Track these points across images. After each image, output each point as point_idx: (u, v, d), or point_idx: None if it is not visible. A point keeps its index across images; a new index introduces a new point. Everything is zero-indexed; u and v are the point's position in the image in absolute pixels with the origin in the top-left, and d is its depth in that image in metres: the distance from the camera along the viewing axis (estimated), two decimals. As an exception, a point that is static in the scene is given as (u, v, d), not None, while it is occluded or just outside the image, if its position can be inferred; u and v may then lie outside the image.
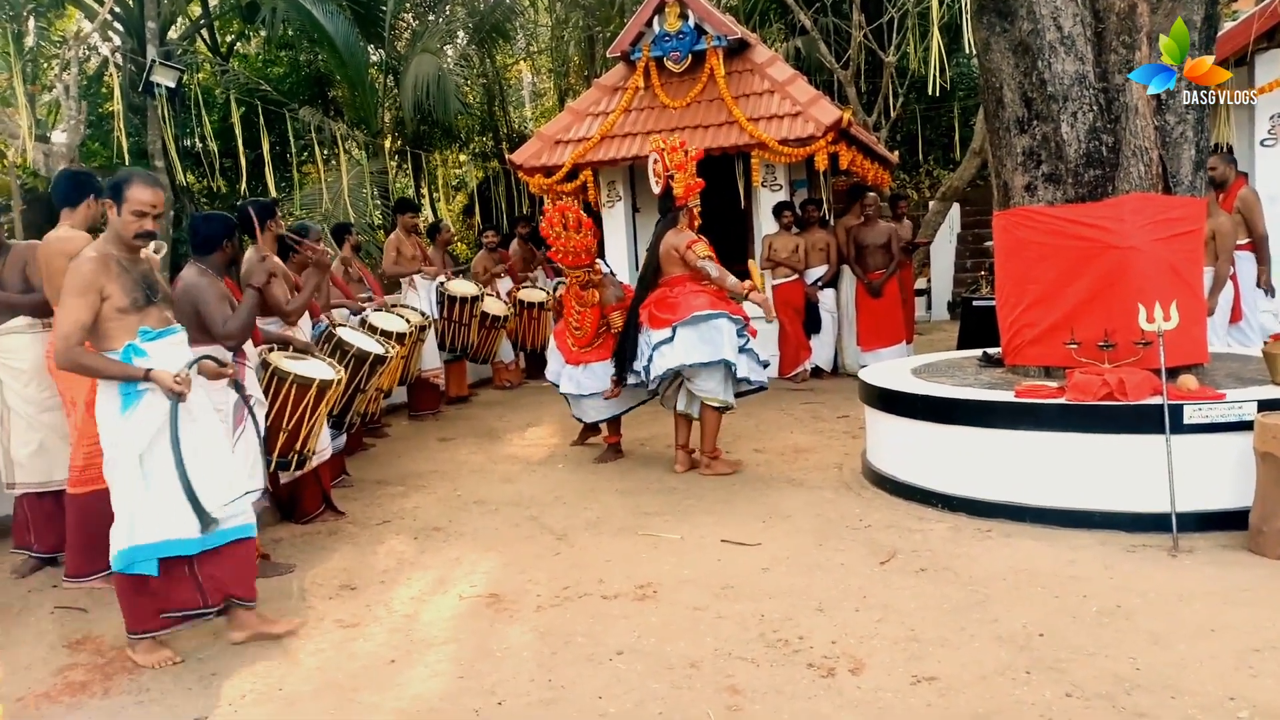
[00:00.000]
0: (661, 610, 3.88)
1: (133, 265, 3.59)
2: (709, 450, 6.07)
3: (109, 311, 3.49)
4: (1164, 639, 3.35)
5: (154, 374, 3.40)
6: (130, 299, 3.51)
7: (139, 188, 3.53)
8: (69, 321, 3.44)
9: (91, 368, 3.45)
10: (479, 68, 17.47)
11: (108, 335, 3.51)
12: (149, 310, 3.58)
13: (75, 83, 7.35)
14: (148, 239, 3.60)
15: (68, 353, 3.42)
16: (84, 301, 3.45)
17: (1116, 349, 4.82)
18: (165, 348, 3.55)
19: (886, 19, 13.67)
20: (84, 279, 3.46)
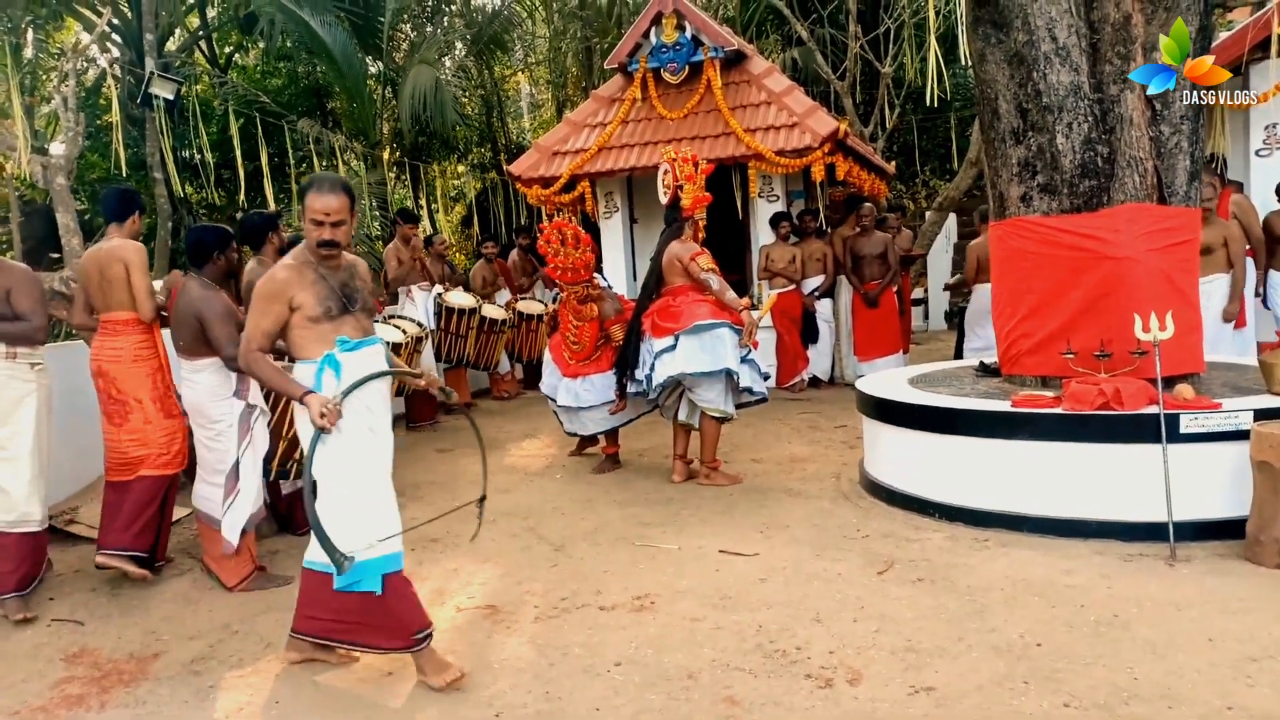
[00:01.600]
0: (659, 621, 3.88)
1: (331, 274, 3.45)
2: (709, 460, 6.07)
3: (300, 320, 3.39)
4: (1161, 648, 3.36)
5: (307, 399, 3.27)
6: (323, 308, 3.38)
7: (314, 195, 3.37)
8: (252, 325, 3.39)
9: (261, 375, 3.42)
10: (477, 79, 17.51)
11: (301, 344, 3.42)
12: (344, 320, 3.44)
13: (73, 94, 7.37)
14: (331, 248, 3.40)
15: (246, 355, 3.40)
16: (269, 308, 3.37)
17: (1113, 358, 4.83)
18: (361, 359, 3.42)
19: (883, 30, 13.73)
20: (273, 287, 3.37)
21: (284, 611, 4.24)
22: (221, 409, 4.52)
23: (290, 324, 3.40)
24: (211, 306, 4.42)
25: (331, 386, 3.34)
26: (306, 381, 3.37)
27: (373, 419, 3.42)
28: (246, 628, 4.09)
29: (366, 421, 3.39)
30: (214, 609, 4.35)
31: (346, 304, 3.44)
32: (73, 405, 5.32)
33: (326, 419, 3.22)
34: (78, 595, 4.62)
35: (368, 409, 3.39)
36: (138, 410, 4.69)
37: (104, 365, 4.71)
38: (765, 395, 6.08)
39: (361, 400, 3.36)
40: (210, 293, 4.49)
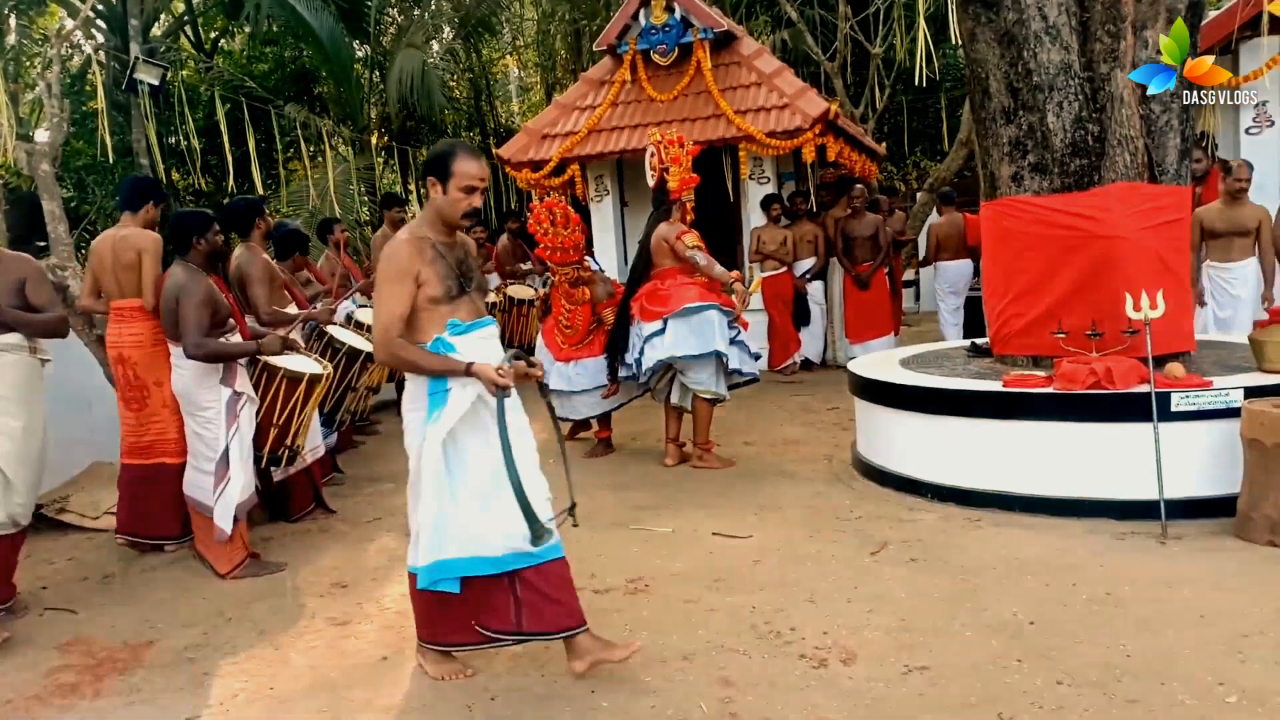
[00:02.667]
0: (653, 603, 3.88)
1: (449, 251, 3.20)
2: (701, 442, 6.07)
3: (421, 301, 3.14)
4: (1153, 626, 3.37)
5: (476, 368, 3.03)
6: (444, 287, 3.14)
7: (466, 159, 3.11)
8: (385, 312, 3.11)
9: (410, 361, 3.13)
10: (465, 62, 17.40)
11: (417, 328, 3.17)
12: (460, 301, 3.19)
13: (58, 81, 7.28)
14: (474, 219, 3.18)
15: (387, 345, 3.12)
16: (401, 290, 3.10)
17: (1104, 338, 4.84)
18: (475, 342, 3.18)
19: (873, 10, 13.67)
20: (399, 264, 3.11)
21: (277, 599, 4.25)
22: (209, 396, 4.51)
23: (414, 304, 3.15)
24: (187, 291, 4.40)
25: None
26: None
27: (488, 412, 3.15)
28: (240, 615, 4.09)
29: (481, 414, 3.14)
30: (207, 596, 4.34)
31: (463, 284, 3.21)
32: (59, 394, 5.28)
33: (505, 378, 3.01)
34: (70, 584, 4.61)
35: (482, 400, 3.13)
36: (156, 394, 4.76)
37: (125, 351, 4.79)
38: (756, 375, 6.08)
39: (474, 390, 3.11)
40: (190, 277, 4.46)
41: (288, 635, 3.83)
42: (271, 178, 14.28)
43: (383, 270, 3.15)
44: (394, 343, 3.11)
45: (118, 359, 4.84)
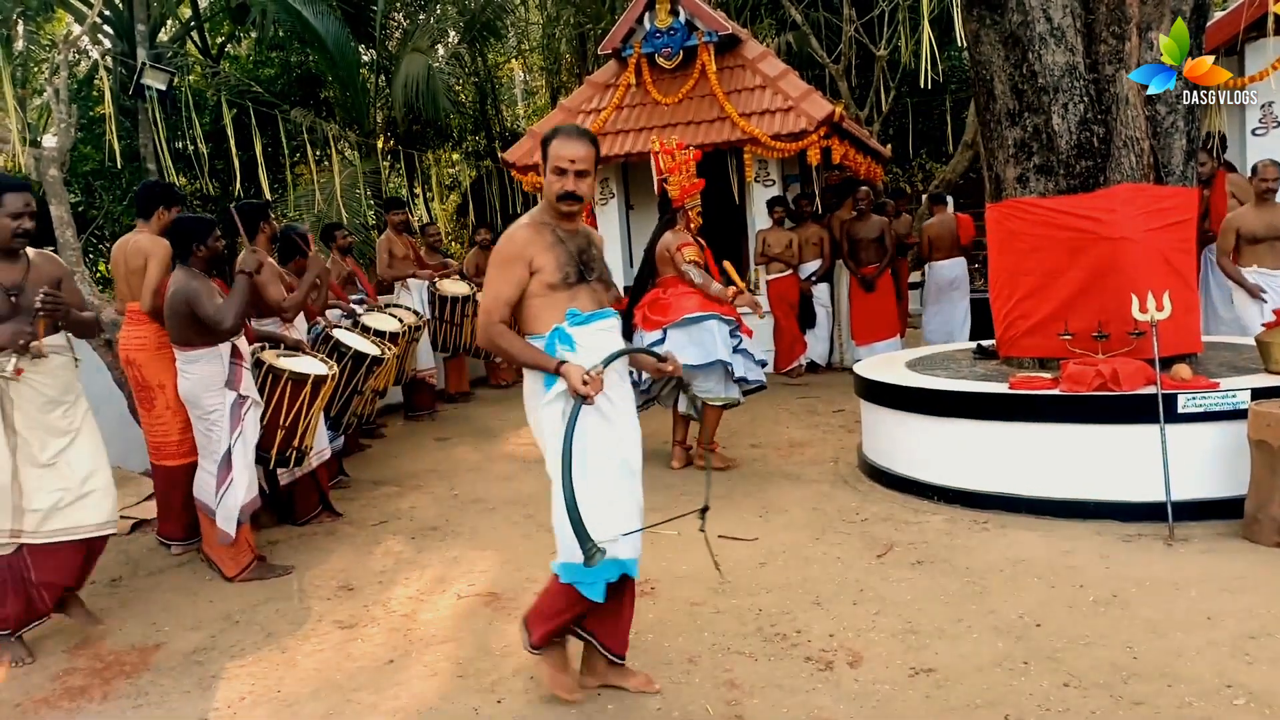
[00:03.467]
0: (659, 606, 3.88)
1: (570, 237, 3.08)
2: (705, 443, 6.07)
3: (537, 287, 3.02)
4: (1160, 627, 3.36)
5: (564, 369, 2.89)
6: (561, 274, 3.01)
7: (559, 141, 3.03)
8: (491, 295, 3.04)
9: (506, 350, 3.03)
10: (470, 66, 17.42)
11: (533, 316, 3.06)
12: (580, 289, 3.06)
13: (65, 86, 7.32)
14: (573, 201, 3.04)
15: (487, 329, 3.04)
16: (509, 274, 3.02)
17: (1110, 339, 4.83)
18: (595, 334, 3.04)
19: (877, 13, 13.66)
20: (511, 249, 3.03)
21: (283, 601, 4.26)
22: (214, 399, 4.53)
23: (526, 291, 3.05)
24: (195, 291, 4.42)
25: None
26: None
27: (608, 405, 3.03)
28: (247, 618, 4.10)
29: (600, 408, 2.98)
30: (214, 599, 4.35)
31: (583, 272, 3.07)
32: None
33: (590, 386, 2.84)
34: (78, 587, 4.62)
35: (604, 392, 2.96)
36: (160, 396, 4.84)
37: (131, 354, 4.91)
38: (763, 383, 6.08)
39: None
40: (195, 281, 4.48)
41: (294, 638, 3.84)
42: (278, 182, 14.29)
43: (495, 254, 3.07)
44: (494, 327, 3.02)
45: (127, 361, 4.96)
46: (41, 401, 3.76)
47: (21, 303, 3.69)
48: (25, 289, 3.70)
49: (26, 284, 3.71)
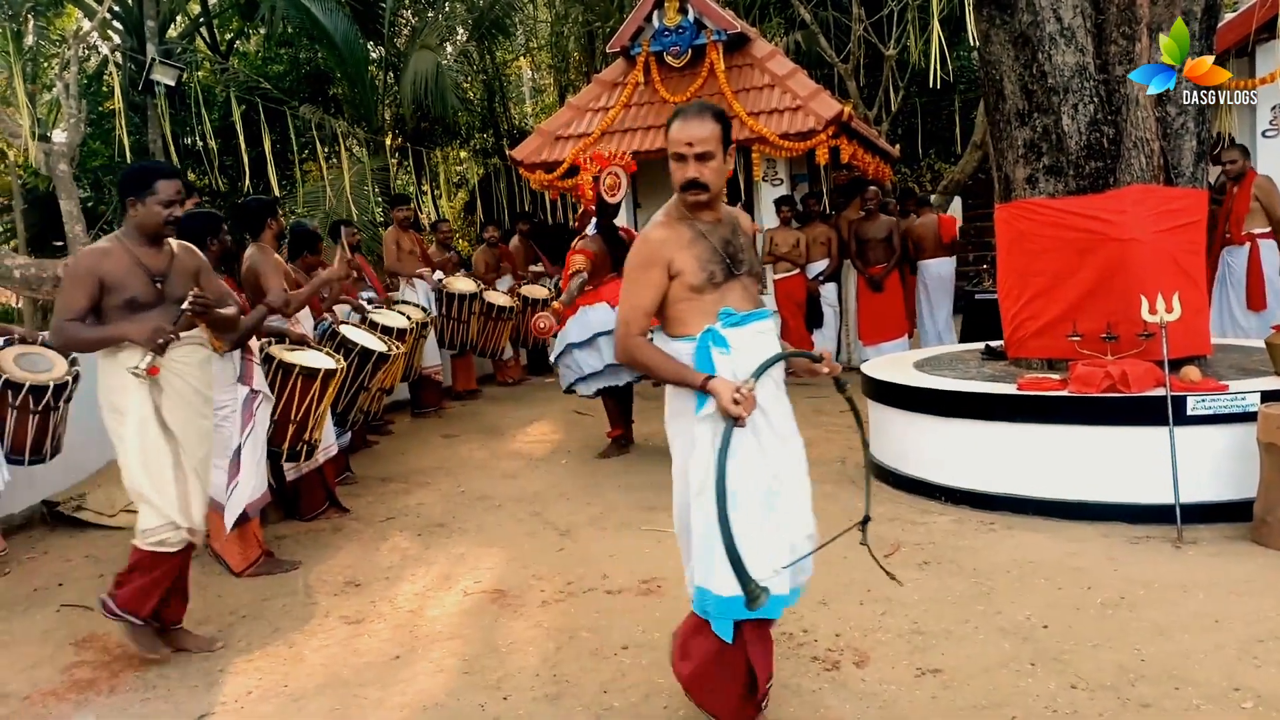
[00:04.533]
0: (666, 605, 3.88)
1: (711, 229, 2.74)
2: None
3: (680, 291, 2.71)
4: (1168, 630, 3.36)
5: (712, 384, 2.54)
6: (706, 274, 2.69)
7: (677, 124, 2.70)
8: (627, 306, 2.75)
9: (646, 364, 2.71)
10: (479, 64, 17.43)
11: (679, 319, 2.75)
12: (730, 286, 2.73)
13: (75, 81, 7.35)
14: (697, 190, 2.69)
15: (625, 342, 2.74)
16: (645, 278, 2.70)
17: (1119, 341, 4.82)
18: (751, 337, 2.70)
19: (886, 12, 13.64)
20: (646, 251, 2.72)
21: (290, 597, 4.27)
22: (225, 395, 4.52)
23: (668, 296, 2.74)
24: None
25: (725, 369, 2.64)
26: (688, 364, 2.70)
27: (763, 423, 2.69)
28: (254, 613, 4.11)
29: (755, 425, 2.65)
30: (221, 594, 4.36)
31: (731, 267, 2.73)
32: (78, 393, 5.32)
33: (741, 406, 2.50)
34: (86, 581, 4.63)
35: (758, 405, 2.61)
36: None
37: None
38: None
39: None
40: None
41: (301, 633, 3.84)
42: (287, 178, 14.33)
43: (630, 258, 2.77)
44: (632, 340, 2.72)
45: None
46: (189, 393, 3.64)
47: (167, 290, 3.58)
48: (170, 276, 3.60)
49: (171, 272, 3.61)
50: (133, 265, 3.51)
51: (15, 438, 4.94)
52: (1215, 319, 7.51)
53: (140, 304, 3.51)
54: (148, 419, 3.53)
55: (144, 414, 3.52)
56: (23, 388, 4.81)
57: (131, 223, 3.56)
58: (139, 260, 3.53)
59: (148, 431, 3.54)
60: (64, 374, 5.09)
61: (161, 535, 3.58)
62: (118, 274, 3.48)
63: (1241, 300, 7.18)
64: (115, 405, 3.56)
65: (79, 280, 3.47)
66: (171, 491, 3.57)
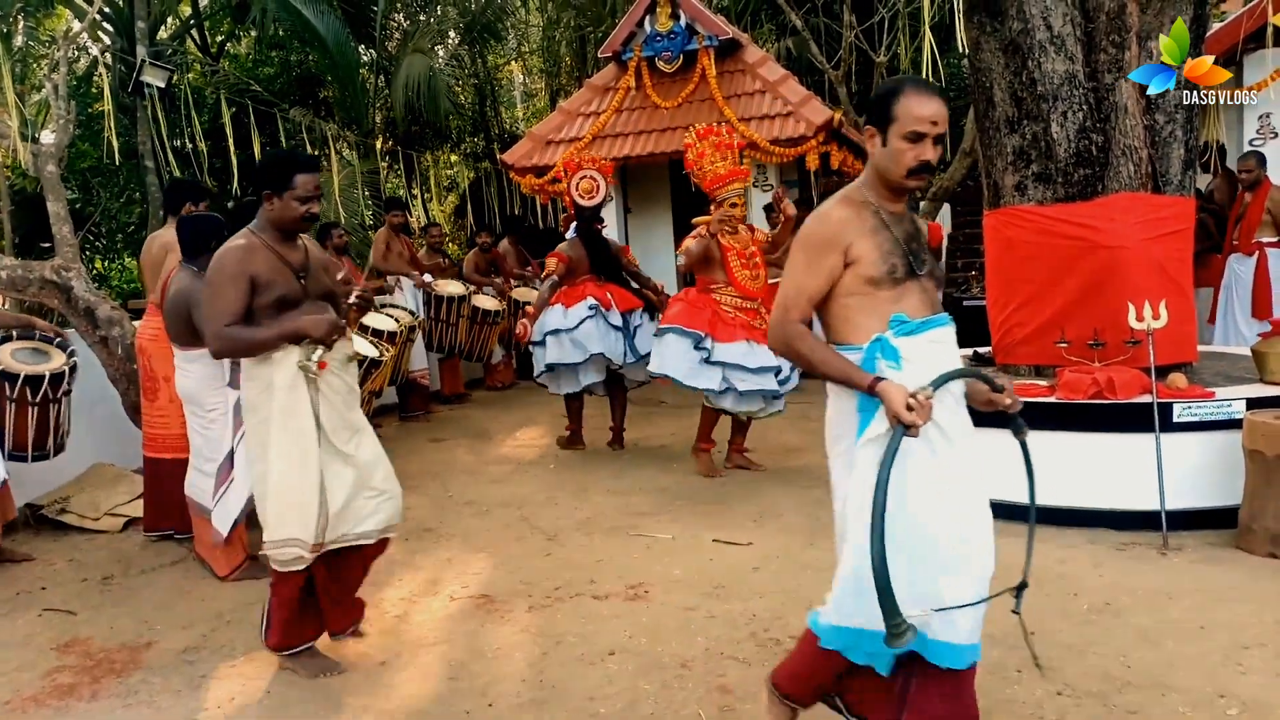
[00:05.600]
0: (653, 610, 3.88)
1: (895, 221, 2.46)
2: (697, 442, 6.10)
3: (853, 282, 2.40)
4: (1154, 636, 3.36)
5: (882, 388, 2.24)
6: (887, 266, 2.38)
7: (914, 97, 2.39)
8: (791, 287, 2.44)
9: (807, 356, 2.42)
10: (470, 68, 17.42)
11: (845, 319, 2.44)
12: (908, 287, 2.41)
13: (64, 82, 7.30)
14: (926, 174, 2.45)
15: (783, 328, 2.45)
16: (819, 262, 2.40)
17: (1106, 348, 4.83)
18: (926, 346, 2.39)
19: (877, 19, 13.67)
20: (825, 231, 2.41)
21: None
22: (215, 398, 4.50)
23: (836, 288, 2.43)
24: (198, 293, 4.39)
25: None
26: None
27: (939, 438, 2.39)
28: (239, 617, 4.08)
29: (930, 436, 2.35)
30: (206, 598, 4.34)
31: (912, 265, 2.42)
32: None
33: (916, 414, 2.19)
34: (69, 585, 4.61)
35: (933, 420, 2.30)
36: (164, 389, 4.89)
37: (144, 343, 5.03)
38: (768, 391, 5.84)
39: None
40: (201, 282, 4.46)
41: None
42: (276, 181, 14.25)
43: (802, 237, 2.46)
44: (791, 326, 2.43)
45: (139, 350, 5.09)
46: (345, 392, 3.50)
47: (308, 286, 3.42)
48: (310, 272, 3.45)
49: (310, 267, 3.46)
50: (276, 262, 3.34)
51: (16, 433, 4.95)
52: (1219, 326, 7.55)
53: (288, 302, 3.33)
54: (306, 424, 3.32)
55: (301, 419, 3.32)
56: (18, 379, 4.80)
57: (267, 217, 3.37)
58: (282, 256, 3.36)
59: (303, 437, 3.32)
60: (60, 365, 5.09)
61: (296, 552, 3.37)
62: (266, 271, 3.30)
63: (1246, 308, 7.22)
64: (255, 406, 3.37)
65: (231, 280, 3.25)
66: (315, 504, 3.34)
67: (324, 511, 3.35)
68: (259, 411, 3.36)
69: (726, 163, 5.73)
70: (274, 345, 3.28)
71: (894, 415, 2.21)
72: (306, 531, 3.34)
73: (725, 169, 5.72)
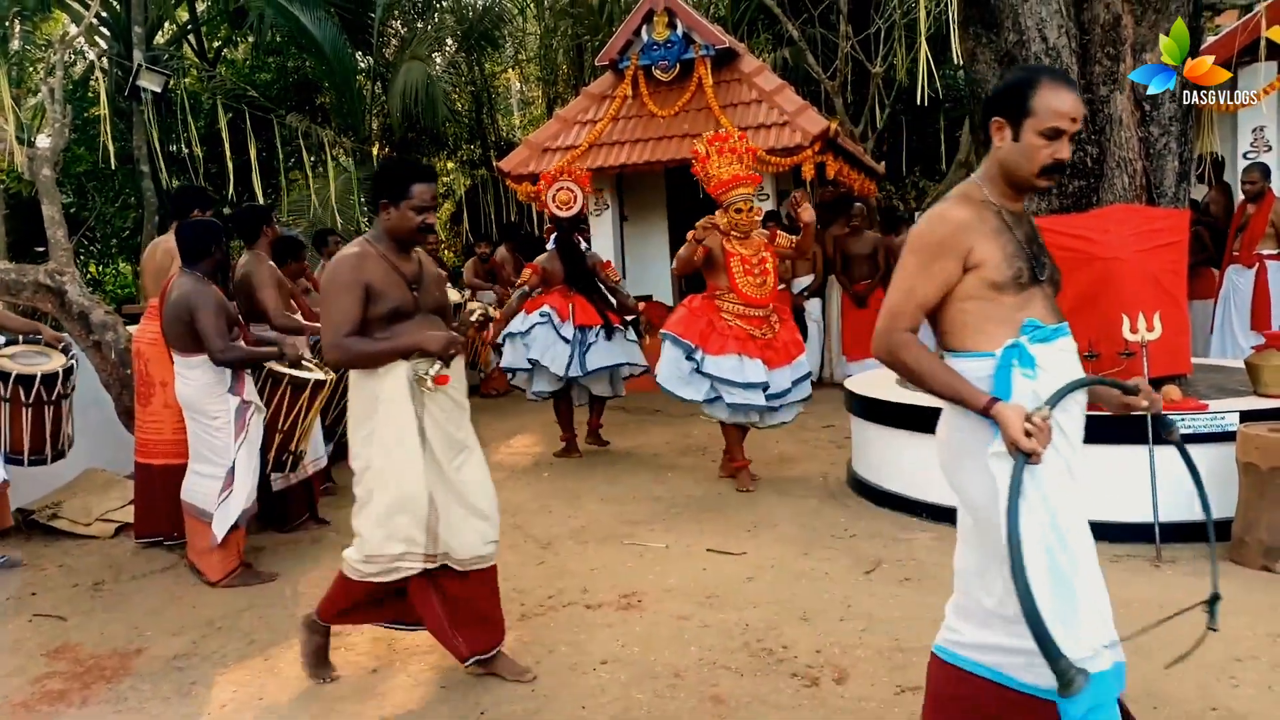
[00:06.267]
0: (646, 619, 3.87)
1: (1016, 223, 2.30)
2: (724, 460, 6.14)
3: (975, 286, 2.23)
4: (1146, 649, 3.35)
5: (998, 409, 2.09)
6: (1013, 270, 2.22)
7: (1052, 91, 2.22)
8: (900, 294, 2.27)
9: (915, 370, 2.27)
10: (467, 75, 17.45)
11: (964, 325, 2.27)
12: (1034, 292, 2.27)
13: (60, 86, 7.29)
14: (1056, 173, 2.29)
15: (889, 337, 2.28)
16: (935, 267, 2.23)
17: (1100, 359, 4.84)
18: (1056, 355, 2.23)
19: (874, 30, 13.72)
20: (944, 232, 2.24)
21: (267, 608, 4.23)
22: (218, 405, 4.49)
23: (954, 292, 2.26)
24: (205, 300, 4.40)
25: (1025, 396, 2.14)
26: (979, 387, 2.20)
27: (1071, 453, 2.24)
28: (230, 624, 4.07)
29: (1064, 456, 2.19)
30: (197, 605, 4.32)
31: (1035, 269, 2.27)
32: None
33: (1036, 440, 2.03)
34: (60, 590, 4.59)
35: (1062, 434, 2.17)
36: (159, 394, 4.88)
37: (141, 347, 5.02)
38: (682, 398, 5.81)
39: (1056, 421, 2.13)
40: (205, 287, 4.46)
41: (278, 645, 3.80)
42: (272, 187, 14.27)
43: (916, 239, 2.29)
44: (898, 335, 2.26)
45: (136, 353, 5.08)
46: (453, 408, 3.35)
47: (421, 299, 3.29)
48: (423, 284, 3.31)
49: (423, 279, 3.32)
50: (391, 272, 3.22)
51: (12, 435, 4.94)
52: (1216, 337, 7.57)
53: (402, 314, 3.21)
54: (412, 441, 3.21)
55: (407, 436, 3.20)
56: (9, 378, 4.81)
57: (383, 226, 3.27)
58: (395, 267, 3.24)
59: (410, 456, 3.22)
60: (55, 366, 5.08)
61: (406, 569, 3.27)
62: (380, 281, 3.19)
63: (1245, 320, 7.23)
64: (360, 420, 3.26)
65: (347, 289, 3.15)
66: (423, 522, 3.24)
67: (431, 527, 3.26)
68: (363, 426, 3.25)
69: (734, 167, 5.64)
70: (390, 358, 3.17)
71: (1012, 441, 2.06)
72: (416, 547, 3.24)
73: (729, 173, 5.63)
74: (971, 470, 2.28)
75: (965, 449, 2.31)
